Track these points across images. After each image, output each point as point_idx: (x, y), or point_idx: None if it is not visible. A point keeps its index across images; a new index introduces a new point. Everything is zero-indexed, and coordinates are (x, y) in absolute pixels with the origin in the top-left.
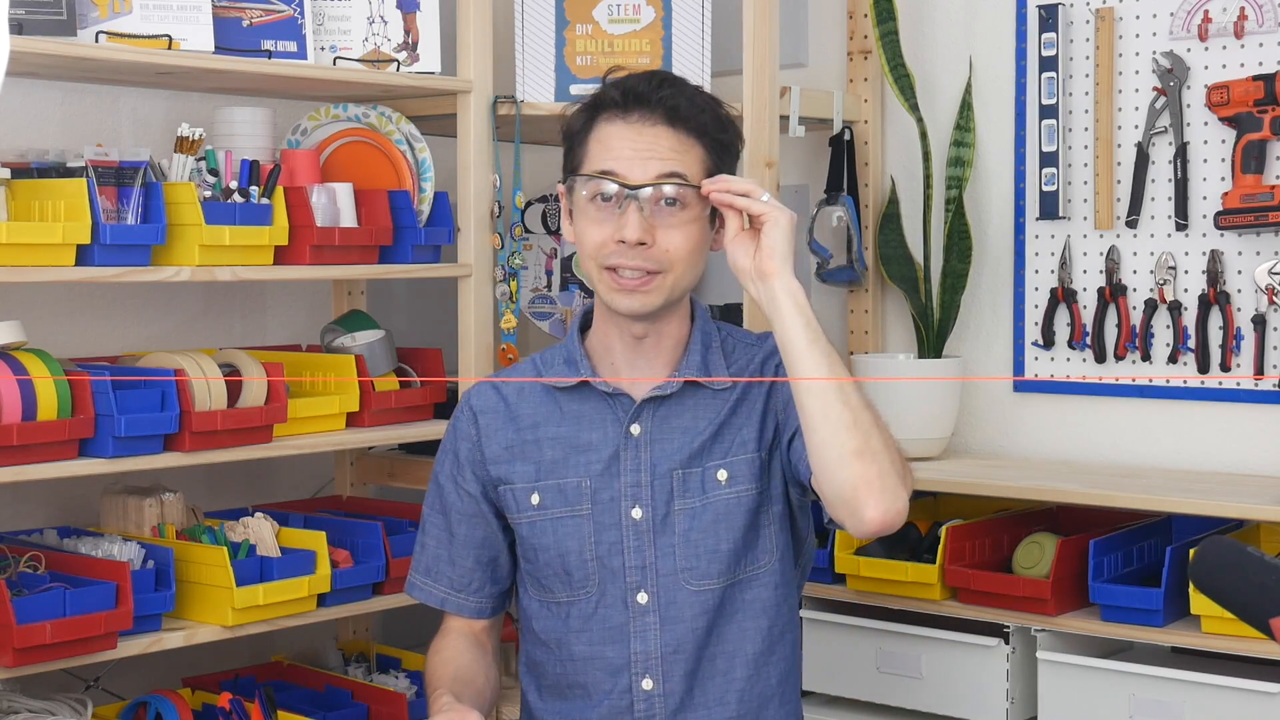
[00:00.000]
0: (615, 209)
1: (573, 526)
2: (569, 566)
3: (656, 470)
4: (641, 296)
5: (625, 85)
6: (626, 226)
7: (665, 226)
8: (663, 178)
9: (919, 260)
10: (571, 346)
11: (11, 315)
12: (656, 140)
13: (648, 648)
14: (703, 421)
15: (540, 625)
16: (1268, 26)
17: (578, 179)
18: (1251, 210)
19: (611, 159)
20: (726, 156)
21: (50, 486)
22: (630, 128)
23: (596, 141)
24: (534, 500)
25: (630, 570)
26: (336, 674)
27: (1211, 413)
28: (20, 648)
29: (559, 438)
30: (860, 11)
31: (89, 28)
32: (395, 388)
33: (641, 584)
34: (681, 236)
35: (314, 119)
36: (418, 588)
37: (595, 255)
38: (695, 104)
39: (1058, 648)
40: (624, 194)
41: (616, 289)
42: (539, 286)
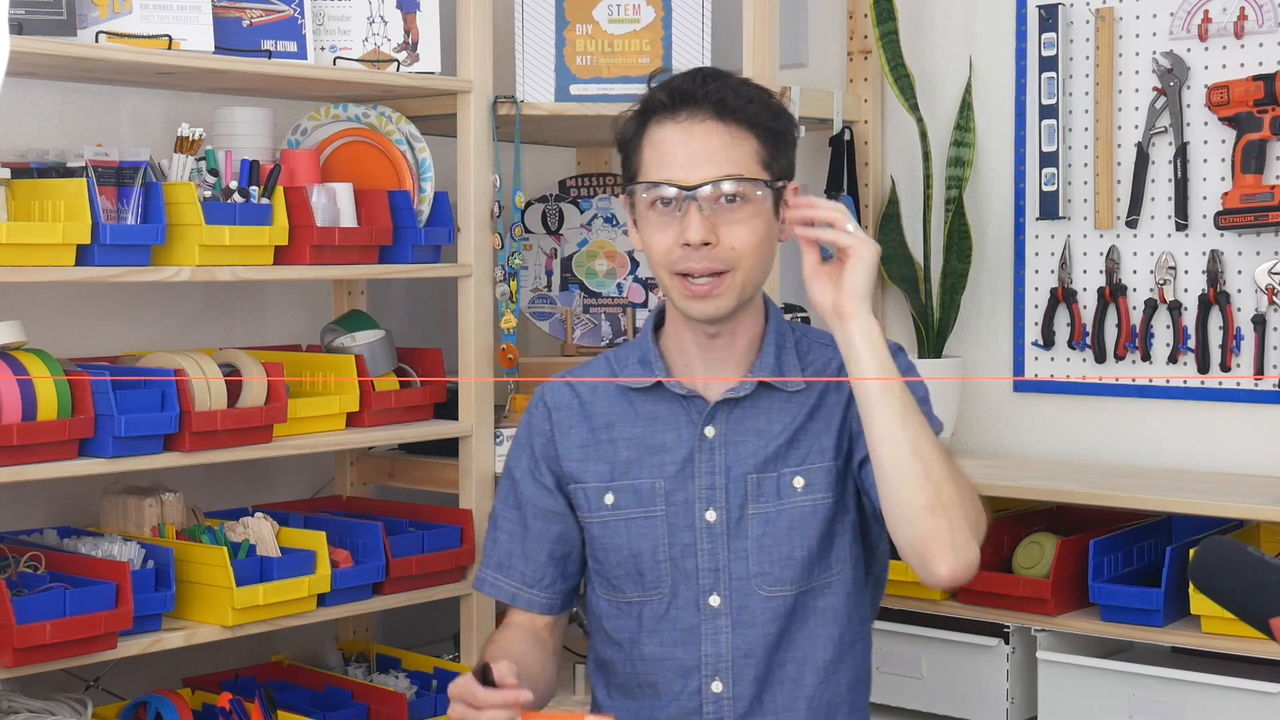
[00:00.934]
0: (676, 212)
1: (646, 528)
2: (642, 567)
3: (731, 473)
4: (714, 301)
5: (671, 85)
6: (689, 228)
7: (728, 224)
8: (719, 177)
9: (919, 260)
10: (645, 346)
11: (11, 315)
12: (708, 137)
13: (719, 650)
14: (777, 425)
15: (611, 625)
16: (1268, 26)
17: (636, 187)
18: (1251, 210)
19: (666, 163)
20: (781, 145)
21: (50, 486)
22: (680, 128)
23: (650, 147)
24: (607, 500)
25: (703, 573)
26: (336, 674)
27: (1211, 413)
28: (20, 648)
29: (633, 438)
30: (860, 11)
31: (89, 28)
32: (395, 388)
33: (714, 587)
34: (746, 231)
35: (314, 119)
36: (488, 583)
37: (664, 261)
38: (743, 95)
39: (1058, 648)
40: (683, 196)
41: (689, 295)
42: (539, 286)
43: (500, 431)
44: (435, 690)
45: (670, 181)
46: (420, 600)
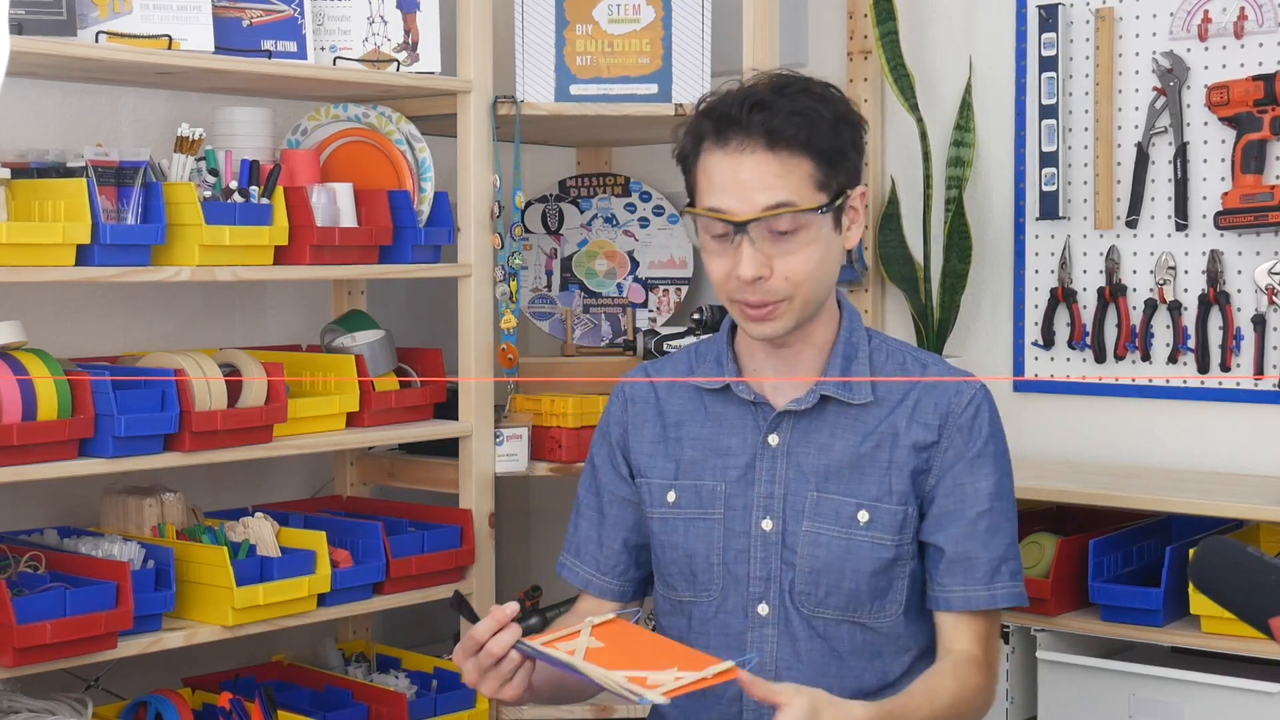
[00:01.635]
0: (729, 243)
1: (704, 529)
2: (695, 568)
3: (791, 485)
4: (772, 324)
5: (716, 113)
6: (741, 264)
7: (782, 255)
8: (769, 208)
9: (919, 260)
10: (720, 346)
11: (11, 315)
12: (758, 167)
13: (764, 659)
14: (840, 441)
15: (665, 621)
16: (1268, 26)
17: (691, 213)
18: (1251, 210)
19: (717, 193)
20: (839, 160)
21: (50, 486)
22: (730, 158)
23: (703, 173)
24: (670, 498)
25: (754, 580)
26: (336, 674)
27: (1211, 413)
28: (20, 648)
29: (700, 438)
30: (860, 11)
31: (89, 28)
32: (395, 388)
33: (764, 595)
34: (800, 261)
35: (314, 119)
36: (566, 568)
37: (722, 289)
38: (794, 120)
39: (1058, 647)
40: (733, 231)
41: (747, 319)
42: (539, 286)
43: (500, 431)
44: (435, 690)
45: (721, 213)
46: (420, 600)
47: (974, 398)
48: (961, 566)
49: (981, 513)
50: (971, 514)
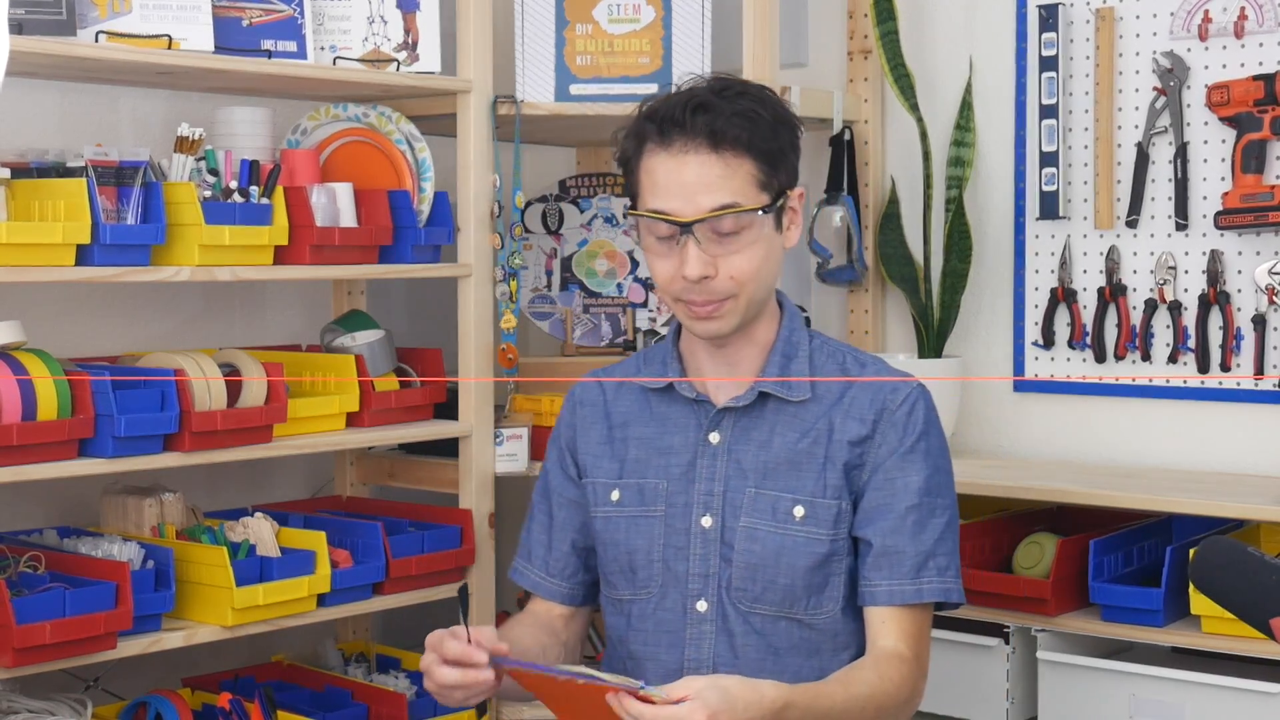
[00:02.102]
0: (674, 244)
1: (645, 526)
2: (635, 565)
3: (730, 482)
4: (717, 322)
5: (659, 115)
6: (687, 264)
7: (726, 255)
8: (715, 209)
9: (919, 260)
10: (666, 347)
11: (11, 315)
12: (701, 169)
13: (701, 655)
14: (779, 438)
15: (607, 621)
16: (1268, 26)
17: (639, 217)
18: (1251, 210)
19: (661, 195)
20: (780, 160)
21: (50, 486)
22: (674, 159)
23: (645, 174)
24: (614, 497)
25: (693, 577)
26: (336, 674)
27: (1211, 413)
28: (20, 648)
29: (644, 438)
30: (860, 11)
31: (89, 28)
32: (395, 388)
33: (702, 592)
34: (744, 260)
35: (314, 119)
36: (517, 572)
37: (667, 289)
38: (735, 120)
39: (1058, 648)
40: (679, 231)
41: (692, 317)
42: (539, 286)
43: (500, 431)
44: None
45: (666, 215)
46: (420, 600)
47: (909, 395)
48: (888, 561)
49: (910, 507)
50: (900, 508)
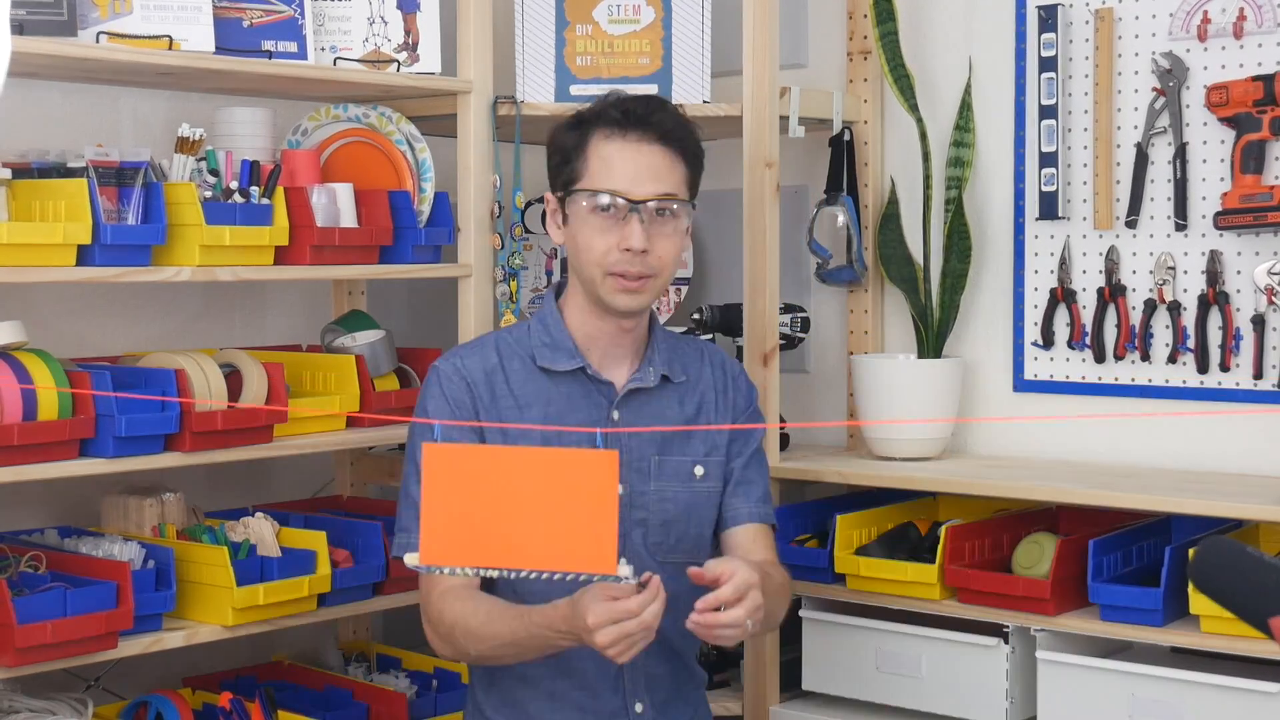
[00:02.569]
0: (617, 220)
1: None
2: None
3: (634, 453)
4: (640, 296)
5: (625, 106)
6: (633, 236)
7: (659, 235)
8: (660, 195)
9: (919, 260)
10: (559, 334)
11: (12, 315)
12: (653, 159)
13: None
14: (670, 411)
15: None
16: (1267, 27)
17: (581, 192)
18: (1251, 210)
19: (612, 177)
20: (699, 172)
21: (51, 486)
22: (630, 146)
23: (597, 158)
24: None
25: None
26: (336, 674)
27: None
28: (21, 647)
29: (549, 417)
30: (860, 11)
31: (90, 28)
32: (395, 388)
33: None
34: (671, 245)
35: (314, 119)
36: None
37: (600, 261)
38: (682, 126)
39: (1057, 647)
40: (627, 208)
41: (620, 290)
42: (539, 286)
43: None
44: (435, 690)
45: (618, 193)
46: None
47: (743, 371)
48: (744, 489)
49: (755, 451)
50: (750, 450)
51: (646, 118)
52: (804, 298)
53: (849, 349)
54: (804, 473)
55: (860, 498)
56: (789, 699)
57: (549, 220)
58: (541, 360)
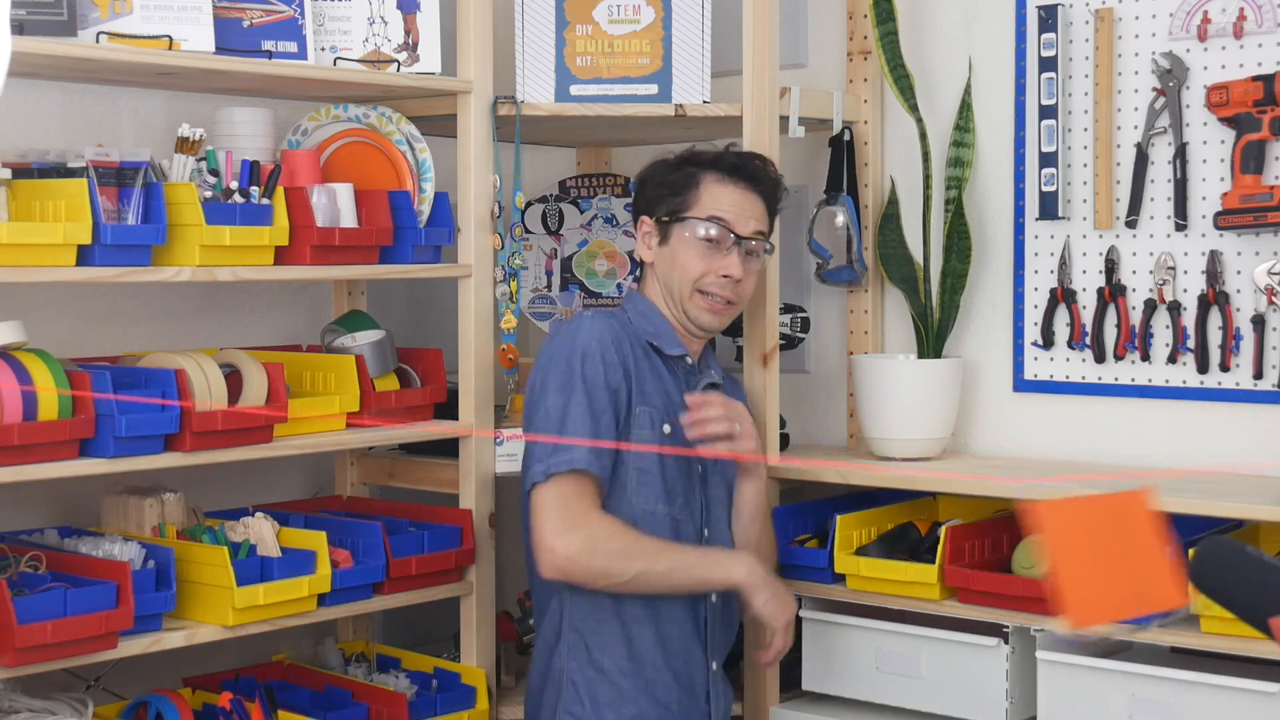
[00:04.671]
0: (719, 250)
1: (677, 461)
2: (673, 490)
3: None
4: (721, 318)
5: (740, 158)
6: (733, 265)
7: (748, 270)
8: (757, 234)
9: (919, 260)
10: (661, 324)
11: (12, 315)
12: (754, 206)
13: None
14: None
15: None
16: (1267, 27)
17: (692, 220)
18: (1251, 210)
19: (724, 212)
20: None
21: (51, 486)
22: (739, 191)
23: (709, 195)
24: (666, 429)
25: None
26: (336, 674)
27: (1211, 413)
28: (21, 647)
29: (667, 390)
30: (860, 12)
31: (90, 28)
32: (395, 388)
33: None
34: (754, 280)
35: (314, 119)
36: (584, 460)
37: (696, 281)
38: (777, 185)
39: (1057, 647)
40: (732, 240)
41: (706, 309)
42: (539, 287)
43: (500, 432)
44: (435, 690)
45: (729, 225)
46: (420, 600)
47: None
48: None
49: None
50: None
51: (754, 173)
52: (804, 298)
53: (849, 349)
54: (804, 473)
55: (860, 498)
56: (789, 699)
57: (640, 240)
58: (657, 342)
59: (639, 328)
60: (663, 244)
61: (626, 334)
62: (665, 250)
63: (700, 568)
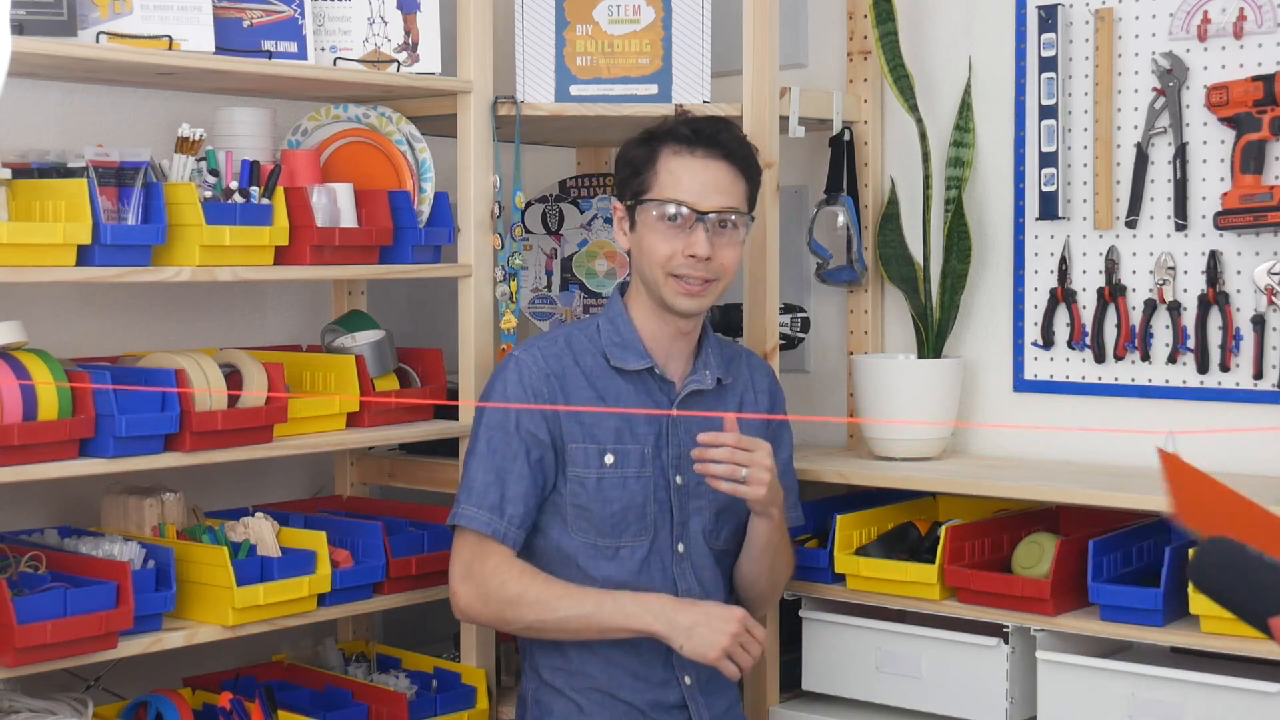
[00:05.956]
0: (684, 229)
1: (639, 485)
2: (629, 519)
3: (688, 447)
4: (700, 299)
5: (695, 125)
6: (698, 244)
7: (721, 244)
8: (724, 208)
9: (919, 260)
10: (629, 334)
11: (12, 315)
12: (718, 174)
13: (687, 586)
14: (720, 408)
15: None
16: (1267, 27)
17: (650, 202)
18: (1251, 210)
19: (682, 188)
20: (757, 185)
21: (51, 486)
22: (698, 161)
23: (666, 171)
24: (608, 460)
25: (676, 525)
26: (336, 674)
27: (1211, 413)
28: (21, 647)
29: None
30: (860, 12)
31: (90, 28)
32: (395, 387)
33: (680, 539)
34: (732, 252)
35: (314, 119)
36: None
37: (665, 265)
38: (744, 145)
39: (1057, 647)
40: (694, 217)
41: (682, 293)
42: (539, 287)
43: None
44: (435, 690)
45: (685, 203)
46: (420, 600)
47: (773, 372)
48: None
49: (785, 461)
50: (782, 460)
51: (714, 136)
52: (804, 298)
53: (849, 349)
54: (804, 473)
55: (860, 498)
56: (789, 699)
57: (615, 227)
58: (615, 359)
59: (606, 338)
60: (633, 229)
61: (573, 356)
62: (635, 236)
63: (601, 616)
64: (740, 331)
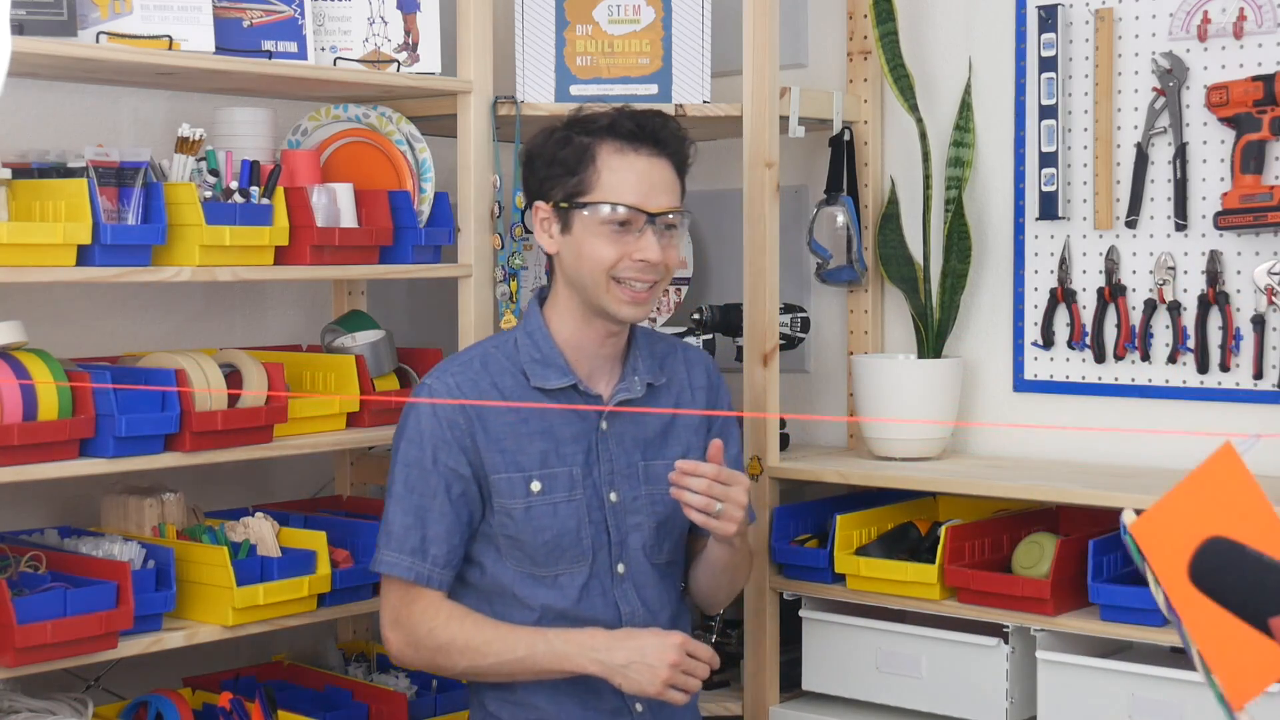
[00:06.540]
0: (630, 233)
1: (570, 510)
2: (564, 544)
3: (620, 461)
4: (644, 307)
5: (639, 120)
6: (650, 249)
7: (666, 245)
8: (671, 208)
9: (919, 260)
10: (549, 349)
11: (12, 315)
12: (663, 173)
13: (631, 608)
14: (653, 417)
15: (531, 594)
16: (1267, 27)
17: (594, 205)
18: (1251, 210)
19: (625, 190)
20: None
21: (51, 486)
22: (643, 160)
23: (608, 170)
24: (535, 488)
25: (614, 545)
26: (336, 674)
27: (1211, 413)
28: (21, 647)
29: (546, 430)
30: (860, 12)
31: (89, 28)
32: (395, 388)
33: (620, 558)
34: (675, 253)
35: (314, 119)
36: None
37: (610, 270)
38: (682, 141)
39: (1057, 647)
40: (644, 220)
41: (626, 300)
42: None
43: None
44: (435, 690)
45: (636, 205)
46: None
47: (713, 364)
48: None
49: (738, 454)
50: (734, 451)
51: (656, 133)
52: (804, 298)
53: (849, 349)
54: (804, 473)
55: (860, 498)
56: (789, 699)
57: (538, 229)
58: (535, 379)
59: (525, 355)
60: (565, 232)
61: (490, 378)
62: (569, 240)
63: (535, 659)
64: (740, 331)
